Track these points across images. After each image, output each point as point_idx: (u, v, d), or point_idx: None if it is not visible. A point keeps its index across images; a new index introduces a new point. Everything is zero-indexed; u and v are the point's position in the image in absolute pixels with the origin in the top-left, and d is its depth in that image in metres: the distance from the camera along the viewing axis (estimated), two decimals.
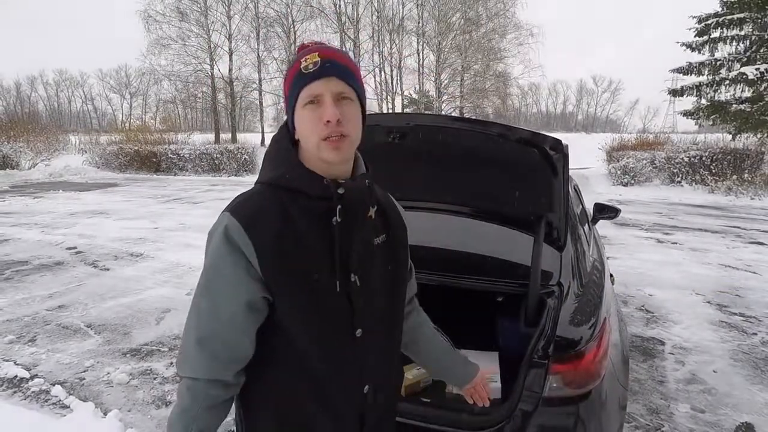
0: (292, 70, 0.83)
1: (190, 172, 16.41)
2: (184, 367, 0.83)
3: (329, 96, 0.80)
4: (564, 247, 1.81)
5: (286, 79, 0.86)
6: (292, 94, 0.83)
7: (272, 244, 0.79)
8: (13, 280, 4.75)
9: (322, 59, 0.81)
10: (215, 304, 0.81)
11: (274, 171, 0.85)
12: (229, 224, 0.79)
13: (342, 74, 0.82)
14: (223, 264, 0.80)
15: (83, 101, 79.24)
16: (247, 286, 0.80)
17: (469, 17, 22.02)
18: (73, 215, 8.53)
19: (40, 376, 2.91)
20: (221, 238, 0.80)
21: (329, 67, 0.81)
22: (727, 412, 2.52)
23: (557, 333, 1.44)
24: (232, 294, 0.80)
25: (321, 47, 0.84)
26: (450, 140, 1.66)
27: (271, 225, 0.80)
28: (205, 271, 0.83)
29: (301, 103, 0.82)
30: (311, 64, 0.81)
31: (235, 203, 0.84)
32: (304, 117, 0.81)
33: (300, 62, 0.82)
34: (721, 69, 14.55)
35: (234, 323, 0.81)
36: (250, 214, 0.80)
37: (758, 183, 10.87)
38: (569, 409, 1.38)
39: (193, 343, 0.82)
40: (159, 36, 22.55)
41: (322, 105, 0.80)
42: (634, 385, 2.74)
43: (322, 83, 0.80)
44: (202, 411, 0.82)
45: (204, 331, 0.82)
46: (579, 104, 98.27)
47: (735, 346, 3.31)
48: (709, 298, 4.26)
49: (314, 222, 0.83)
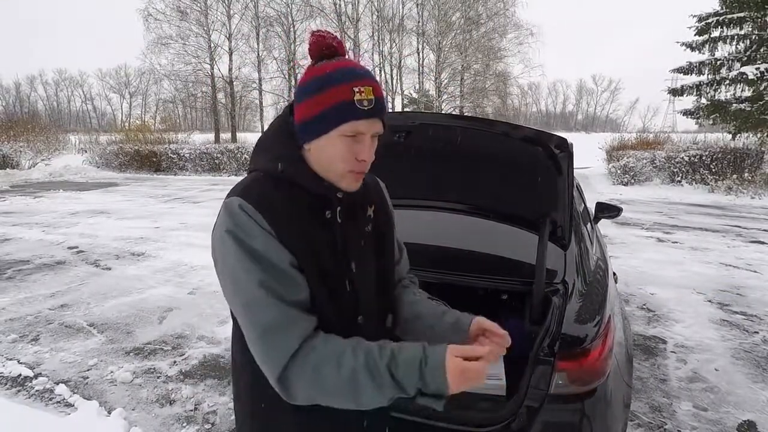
0: (339, 93, 0.77)
1: (190, 172, 16.41)
2: (274, 361, 0.76)
3: (370, 136, 0.81)
4: (568, 246, 1.82)
5: (324, 92, 0.79)
6: (332, 116, 0.78)
7: (285, 227, 0.79)
8: (15, 280, 4.76)
9: (376, 98, 0.80)
10: (263, 267, 0.76)
11: (275, 163, 0.84)
12: (243, 205, 0.78)
13: (384, 116, 0.83)
14: (253, 236, 0.76)
15: (83, 101, 79.29)
16: (283, 249, 0.78)
17: (469, 17, 22.02)
18: (73, 215, 8.53)
19: (44, 375, 2.92)
20: (241, 216, 0.77)
21: (379, 109, 0.80)
22: (729, 410, 2.53)
23: (562, 331, 1.45)
24: (275, 254, 0.77)
25: (374, 82, 0.81)
26: (455, 139, 1.67)
27: (280, 210, 0.80)
28: (239, 254, 0.76)
29: (340, 132, 0.79)
30: (366, 101, 0.78)
31: (242, 188, 0.82)
32: (339, 147, 0.80)
33: (352, 90, 0.78)
34: (721, 68, 14.54)
35: (287, 276, 0.77)
36: (260, 198, 0.80)
37: (758, 182, 10.89)
38: (575, 406, 1.39)
39: (258, 315, 0.76)
40: (159, 35, 22.57)
41: (361, 143, 0.80)
42: (636, 383, 2.75)
43: (369, 123, 0.80)
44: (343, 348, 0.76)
45: (265, 298, 0.75)
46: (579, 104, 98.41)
47: (736, 344, 3.32)
48: (710, 296, 4.27)
49: (314, 215, 0.84)
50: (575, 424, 1.39)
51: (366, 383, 0.73)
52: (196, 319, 3.75)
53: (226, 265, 0.78)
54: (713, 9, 14.42)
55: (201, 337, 3.42)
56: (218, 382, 2.83)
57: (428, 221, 2.25)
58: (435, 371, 0.73)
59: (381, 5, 23.14)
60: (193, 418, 2.49)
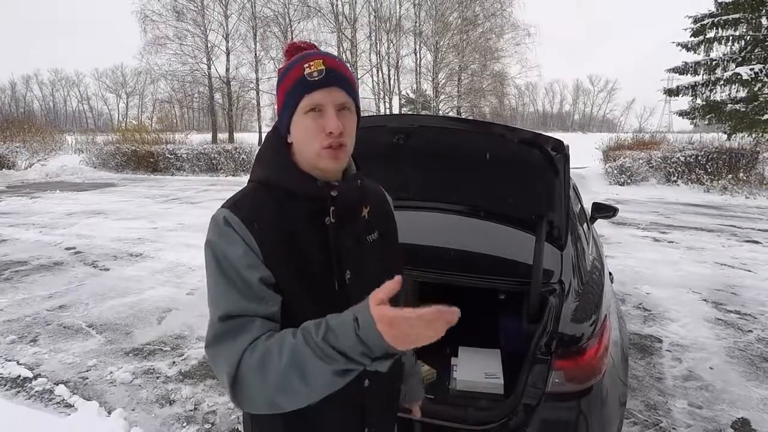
0: (292, 74, 0.83)
1: (187, 172, 16.37)
2: (221, 349, 0.75)
3: (332, 107, 0.81)
4: (565, 246, 1.85)
5: (283, 81, 0.85)
6: (291, 98, 0.83)
7: (273, 240, 0.80)
8: (12, 281, 4.75)
9: (327, 68, 0.82)
10: (230, 280, 0.77)
11: (267, 170, 0.87)
12: (229, 218, 0.80)
13: (345, 85, 0.83)
14: (232, 249, 0.78)
15: (79, 101, 78.95)
16: (258, 266, 0.79)
17: (466, 17, 22.06)
18: (71, 215, 8.51)
19: (44, 376, 2.92)
20: (224, 230, 0.79)
21: (334, 77, 0.82)
22: (724, 408, 2.56)
23: (559, 330, 1.47)
24: (246, 269, 0.78)
25: (324, 55, 0.84)
26: (454, 141, 1.69)
27: (270, 222, 0.81)
28: (213, 266, 0.79)
29: (301, 110, 0.82)
30: (316, 72, 0.81)
31: (233, 200, 0.84)
32: (305, 125, 0.82)
33: (302, 67, 0.82)
34: (717, 69, 14.62)
35: (252, 291, 0.78)
36: (249, 211, 0.81)
37: (753, 182, 10.96)
38: (571, 404, 1.41)
39: (216, 322, 0.77)
40: (156, 35, 22.49)
41: (324, 115, 0.81)
42: (632, 381, 2.78)
43: (326, 93, 0.81)
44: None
45: (226, 306, 0.77)
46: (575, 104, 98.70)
47: (731, 343, 3.35)
48: (705, 296, 4.31)
49: (308, 222, 0.85)
50: (572, 422, 1.41)
51: (309, 360, 0.68)
52: (195, 319, 3.76)
53: (207, 274, 0.81)
54: (708, 10, 14.50)
55: (200, 338, 3.43)
56: (217, 382, 2.85)
57: (427, 222, 2.27)
58: (367, 329, 0.66)
59: (378, 5, 23.15)
60: (193, 418, 2.50)
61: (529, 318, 1.62)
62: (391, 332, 0.64)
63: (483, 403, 1.63)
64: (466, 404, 1.60)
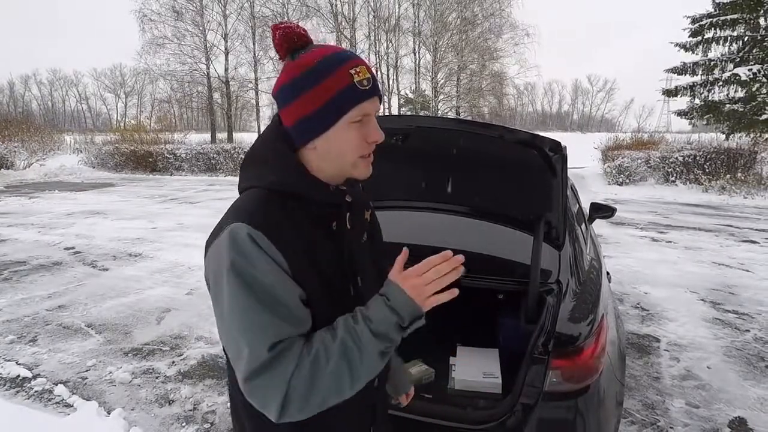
0: (338, 78, 0.75)
1: (186, 172, 16.37)
2: (274, 386, 0.70)
3: (374, 115, 0.80)
4: (562, 246, 1.86)
5: (322, 83, 0.75)
6: (337, 104, 0.76)
7: (297, 253, 0.75)
8: (11, 281, 4.75)
9: (372, 76, 0.79)
10: (268, 307, 0.71)
11: (277, 176, 0.80)
12: (254, 235, 0.72)
13: (380, 92, 0.83)
14: (263, 271, 0.71)
15: (77, 100, 78.84)
16: (292, 285, 0.74)
17: (465, 17, 22.09)
18: (69, 215, 8.50)
19: (43, 376, 2.93)
20: (250, 249, 0.71)
21: (376, 86, 0.80)
22: (721, 407, 2.57)
23: (557, 329, 1.48)
24: (284, 292, 0.72)
25: (362, 60, 0.80)
26: (452, 142, 1.70)
27: (291, 233, 0.76)
28: (243, 293, 0.70)
29: (348, 120, 0.77)
30: (365, 80, 0.77)
31: (248, 213, 0.75)
32: (350, 134, 0.78)
33: (349, 73, 0.76)
34: (715, 69, 14.67)
35: (292, 314, 0.73)
36: (273, 225, 0.74)
37: (751, 182, 10.99)
38: (568, 403, 1.42)
39: (263, 353, 0.70)
40: (154, 35, 22.49)
41: (368, 124, 0.79)
42: (630, 381, 2.79)
43: (372, 103, 0.79)
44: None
45: (270, 336, 0.70)
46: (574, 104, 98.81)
47: (728, 342, 3.37)
48: (703, 295, 4.32)
49: (322, 229, 0.82)
50: (569, 421, 1.42)
51: (355, 353, 0.72)
52: (194, 319, 3.77)
53: (229, 298, 0.71)
54: (707, 10, 14.54)
55: (199, 338, 3.44)
56: (217, 382, 2.85)
57: (426, 222, 2.28)
58: (396, 296, 0.75)
59: (377, 5, 23.16)
60: (192, 418, 2.51)
61: (527, 318, 1.63)
62: (415, 289, 0.75)
63: (481, 403, 1.64)
64: (464, 403, 1.62)
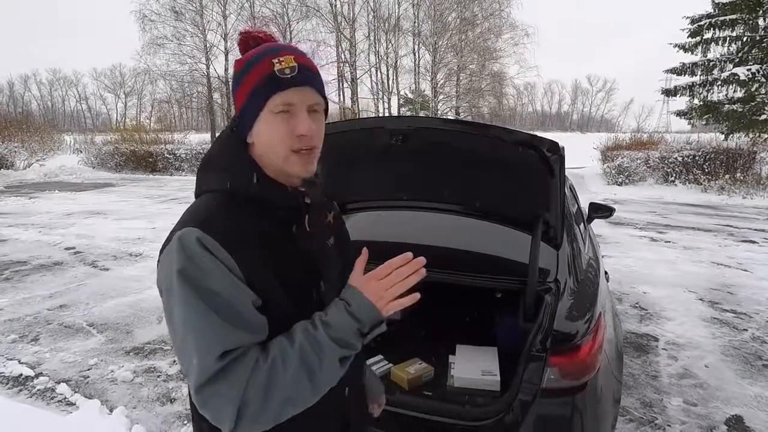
0: (259, 68, 0.75)
1: (186, 172, 16.38)
2: (222, 386, 0.67)
3: (304, 107, 0.76)
4: (560, 246, 1.88)
5: (246, 75, 0.76)
6: (257, 95, 0.75)
7: (252, 257, 0.73)
8: (12, 280, 4.77)
9: (299, 65, 0.76)
10: (218, 314, 0.68)
11: (232, 179, 0.78)
12: (203, 239, 0.69)
13: (317, 84, 0.79)
14: (213, 277, 0.68)
15: (77, 100, 78.84)
16: (244, 291, 0.71)
17: (464, 17, 22.09)
18: (70, 215, 8.52)
19: (45, 375, 2.95)
20: (199, 254, 0.68)
21: (306, 75, 0.77)
22: (718, 405, 2.59)
23: (554, 327, 1.50)
24: (235, 298, 0.69)
25: (294, 50, 0.78)
26: (451, 142, 1.72)
27: (245, 237, 0.73)
28: (192, 299, 0.67)
29: (270, 110, 0.75)
30: (288, 69, 0.75)
31: (200, 217, 0.73)
32: (274, 126, 0.75)
33: (272, 62, 0.75)
34: (714, 69, 14.69)
35: (244, 320, 0.70)
36: (223, 229, 0.72)
37: (750, 182, 11.02)
38: (566, 399, 1.44)
39: (211, 362, 0.67)
40: (154, 35, 22.45)
41: (295, 116, 0.76)
42: (628, 379, 2.81)
43: (298, 92, 0.76)
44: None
45: (220, 344, 0.67)
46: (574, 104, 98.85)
47: (726, 341, 3.39)
48: (701, 295, 4.34)
49: (281, 232, 0.79)
50: (567, 417, 1.44)
51: (315, 359, 0.70)
52: None
53: (179, 305, 0.68)
54: (706, 11, 14.56)
55: None
56: None
57: (425, 222, 2.30)
58: (356, 300, 0.73)
59: (377, 5, 23.15)
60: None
61: (525, 316, 1.65)
62: (373, 289, 0.74)
63: (480, 400, 1.66)
64: (463, 401, 1.64)
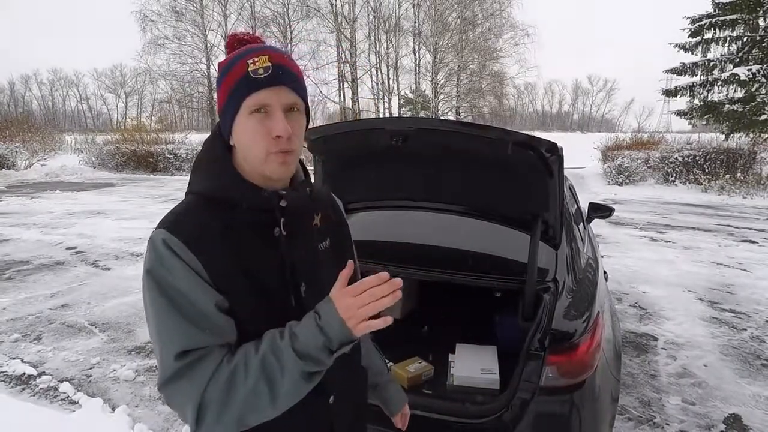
0: (234, 71, 0.74)
1: (187, 172, 16.36)
2: (186, 385, 0.68)
3: (279, 107, 0.74)
4: (559, 245, 1.89)
5: (224, 78, 0.76)
6: (233, 97, 0.74)
7: (220, 259, 0.73)
8: (14, 280, 4.79)
9: (274, 65, 0.74)
10: (180, 312, 0.70)
11: (209, 181, 0.79)
12: (169, 240, 0.71)
13: (293, 83, 0.76)
14: (176, 276, 0.70)
15: (78, 100, 78.93)
16: (209, 291, 0.72)
17: (465, 17, 22.10)
18: (71, 215, 8.54)
19: (48, 374, 2.97)
20: (165, 254, 0.70)
21: (281, 74, 0.75)
22: (717, 404, 2.61)
23: (553, 326, 1.52)
24: (197, 298, 0.71)
25: (270, 49, 0.76)
26: (450, 143, 1.73)
27: (215, 239, 0.74)
28: (158, 297, 0.70)
29: (245, 111, 0.74)
30: (261, 69, 0.73)
31: (170, 219, 0.75)
32: (249, 127, 0.74)
33: (246, 63, 0.74)
34: (714, 70, 14.69)
35: (208, 320, 0.71)
36: (191, 230, 0.73)
37: (750, 182, 11.03)
38: (564, 397, 1.46)
39: (171, 361, 0.68)
40: (155, 35, 22.50)
41: (271, 117, 0.74)
42: (627, 379, 2.83)
43: (272, 92, 0.74)
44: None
45: (181, 342, 0.69)
46: (575, 104, 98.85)
47: (725, 341, 3.40)
48: (701, 295, 4.36)
49: (256, 235, 0.78)
50: (565, 415, 1.46)
51: (277, 370, 0.68)
52: None
53: (148, 304, 0.72)
54: (706, 11, 14.56)
55: None
56: None
57: (425, 222, 2.32)
58: (330, 317, 0.69)
59: (377, 6, 23.16)
60: None
61: (524, 315, 1.67)
62: (346, 305, 0.68)
63: (479, 398, 1.68)
64: (463, 399, 1.65)
